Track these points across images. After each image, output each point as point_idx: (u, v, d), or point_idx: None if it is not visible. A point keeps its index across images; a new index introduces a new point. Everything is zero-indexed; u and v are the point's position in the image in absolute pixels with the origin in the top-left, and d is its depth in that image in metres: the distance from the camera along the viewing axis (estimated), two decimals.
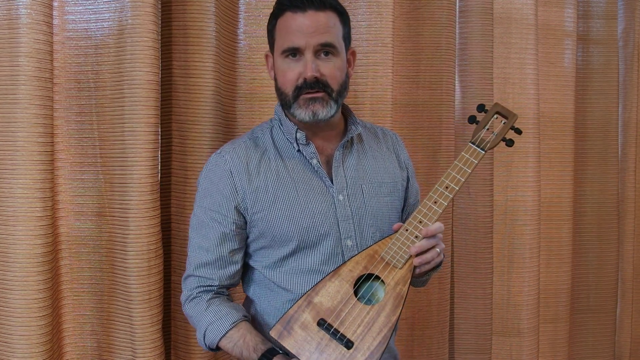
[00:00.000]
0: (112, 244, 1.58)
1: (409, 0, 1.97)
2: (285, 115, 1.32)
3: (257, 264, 1.33)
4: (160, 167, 1.66)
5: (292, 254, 1.29)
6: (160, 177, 1.66)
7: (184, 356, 1.69)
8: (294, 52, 1.24)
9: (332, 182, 1.30)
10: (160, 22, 1.59)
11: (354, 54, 1.37)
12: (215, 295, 1.29)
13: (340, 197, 1.30)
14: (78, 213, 1.57)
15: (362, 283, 1.19)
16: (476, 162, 1.22)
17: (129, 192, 1.52)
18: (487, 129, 1.26)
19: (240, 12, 1.78)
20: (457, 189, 1.20)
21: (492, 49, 2.06)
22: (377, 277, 1.19)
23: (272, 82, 1.33)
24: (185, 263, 1.65)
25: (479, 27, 2.05)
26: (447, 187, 1.21)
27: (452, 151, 2.04)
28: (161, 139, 1.66)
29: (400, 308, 1.14)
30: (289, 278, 1.29)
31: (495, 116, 1.27)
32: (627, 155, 2.38)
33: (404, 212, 1.43)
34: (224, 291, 1.32)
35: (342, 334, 1.13)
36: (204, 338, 1.25)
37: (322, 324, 1.14)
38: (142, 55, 1.49)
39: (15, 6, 1.34)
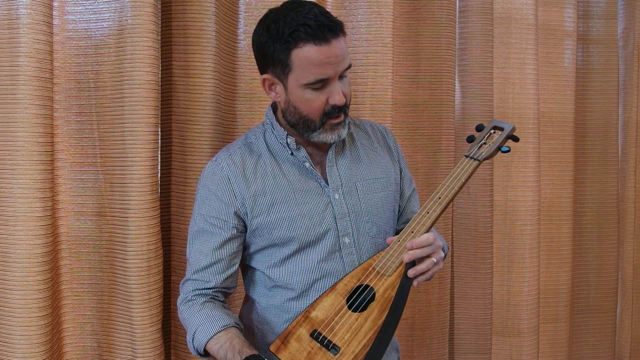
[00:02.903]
0: (112, 244, 1.58)
1: (409, 0, 1.97)
2: (277, 119, 1.34)
3: (259, 265, 1.34)
4: (160, 167, 1.66)
5: (294, 253, 1.30)
6: (160, 177, 1.66)
7: (184, 356, 1.69)
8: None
9: (327, 183, 1.32)
10: (160, 22, 1.60)
11: None
12: (210, 299, 1.30)
13: (337, 196, 1.32)
14: (78, 213, 1.57)
15: (358, 294, 1.21)
16: (470, 171, 1.26)
17: (129, 192, 1.52)
18: (485, 144, 1.30)
19: (240, 12, 1.78)
20: (450, 197, 1.24)
21: (492, 49, 2.06)
22: (371, 288, 1.21)
23: None
24: (184, 263, 1.66)
25: (479, 27, 2.05)
26: (439, 197, 1.24)
27: (452, 151, 2.04)
28: (161, 139, 1.66)
29: (387, 312, 1.17)
30: (290, 276, 1.30)
31: (492, 131, 1.32)
32: (627, 156, 2.38)
33: (401, 203, 1.45)
34: (220, 296, 1.32)
35: (329, 341, 1.16)
36: (193, 340, 1.25)
37: (313, 334, 1.18)
38: (142, 55, 1.49)
39: (15, 6, 1.34)
